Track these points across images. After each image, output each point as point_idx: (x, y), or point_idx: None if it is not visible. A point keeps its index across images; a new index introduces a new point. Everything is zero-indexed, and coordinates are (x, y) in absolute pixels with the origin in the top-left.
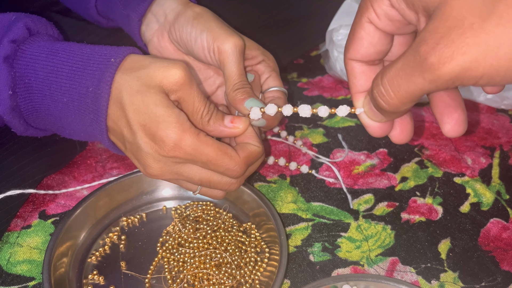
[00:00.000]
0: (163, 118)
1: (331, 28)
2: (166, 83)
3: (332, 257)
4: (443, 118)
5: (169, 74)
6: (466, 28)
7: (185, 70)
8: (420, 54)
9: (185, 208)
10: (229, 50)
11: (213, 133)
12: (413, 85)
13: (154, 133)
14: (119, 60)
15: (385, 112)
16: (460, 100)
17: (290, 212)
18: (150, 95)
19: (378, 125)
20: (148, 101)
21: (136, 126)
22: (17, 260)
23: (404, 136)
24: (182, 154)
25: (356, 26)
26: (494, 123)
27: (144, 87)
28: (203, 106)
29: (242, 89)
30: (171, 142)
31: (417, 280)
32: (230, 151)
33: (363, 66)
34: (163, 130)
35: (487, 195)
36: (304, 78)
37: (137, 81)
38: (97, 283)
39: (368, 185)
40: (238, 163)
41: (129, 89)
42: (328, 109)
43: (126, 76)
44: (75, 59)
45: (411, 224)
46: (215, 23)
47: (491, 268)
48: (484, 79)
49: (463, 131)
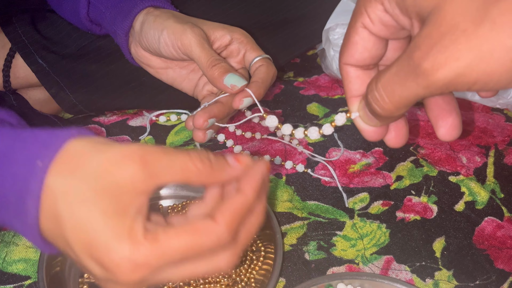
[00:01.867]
0: (112, 233)
1: (327, 27)
2: (124, 182)
3: (327, 255)
4: (438, 122)
5: (122, 169)
6: (459, 34)
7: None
8: (414, 60)
9: (182, 207)
10: (189, 39)
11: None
12: (407, 90)
13: (103, 259)
14: (47, 161)
15: (379, 117)
16: (455, 104)
17: (285, 211)
18: (98, 202)
19: (373, 129)
20: (93, 212)
21: (79, 248)
22: (12, 259)
23: (399, 140)
24: (147, 270)
25: (351, 31)
26: (489, 122)
27: (90, 193)
28: (189, 160)
29: (217, 65)
30: (127, 266)
31: (412, 278)
32: (202, 224)
33: (358, 71)
34: (113, 252)
35: (481, 193)
36: (301, 77)
37: (80, 185)
38: (92, 282)
39: (364, 183)
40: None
41: (68, 198)
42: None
43: (62, 180)
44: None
45: (406, 223)
46: (173, 19)
47: (485, 266)
48: (477, 84)
49: (458, 135)
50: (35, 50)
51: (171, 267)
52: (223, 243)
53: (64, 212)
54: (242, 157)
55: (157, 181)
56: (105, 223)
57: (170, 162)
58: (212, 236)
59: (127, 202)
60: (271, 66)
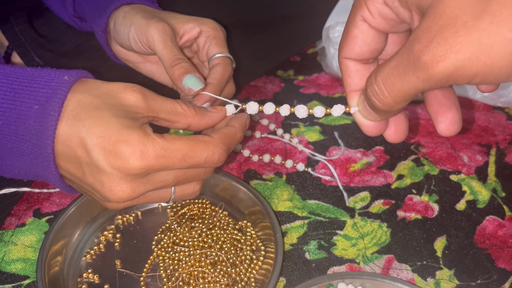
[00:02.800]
0: (124, 126)
1: (327, 25)
2: (128, 104)
3: (328, 255)
4: (438, 117)
5: (126, 95)
6: (459, 27)
7: (139, 87)
8: (414, 52)
9: (181, 206)
10: (152, 34)
11: (207, 121)
12: (407, 84)
13: (115, 145)
14: (73, 79)
15: (379, 111)
16: (455, 99)
17: (286, 210)
18: (112, 109)
19: (373, 124)
20: (107, 114)
21: (92, 142)
22: (11, 259)
23: (398, 136)
24: (153, 159)
25: (350, 24)
26: (490, 121)
27: (103, 104)
28: (177, 103)
29: (178, 65)
30: (137, 151)
31: (413, 277)
32: (202, 137)
33: (358, 65)
34: (125, 138)
35: (483, 192)
36: (301, 75)
37: (94, 99)
38: (91, 282)
39: (364, 182)
40: (216, 145)
41: (85, 106)
42: (324, 110)
43: (80, 95)
44: (15, 76)
45: (407, 222)
46: (140, 14)
47: (486, 265)
48: (477, 77)
49: (458, 130)
50: (32, 48)
51: (171, 165)
52: (216, 156)
53: (82, 114)
54: (217, 107)
55: (153, 114)
56: (117, 119)
57: (163, 101)
58: (209, 146)
59: (134, 114)
60: (228, 67)
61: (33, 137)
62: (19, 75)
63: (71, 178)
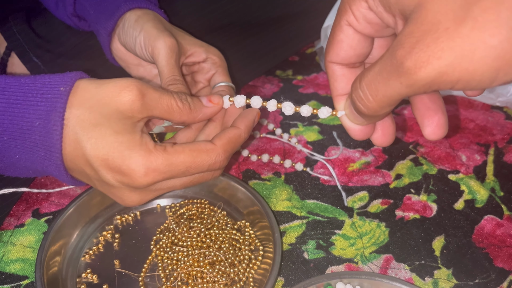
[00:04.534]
0: (126, 145)
1: (326, 25)
2: (124, 108)
3: (326, 254)
4: (424, 121)
5: (122, 98)
6: (441, 33)
7: (136, 86)
8: (397, 58)
9: (180, 206)
10: (160, 48)
11: (202, 117)
12: (390, 89)
13: (120, 166)
14: (68, 88)
15: (365, 115)
16: (441, 103)
17: (284, 210)
18: (110, 124)
19: (360, 128)
20: (106, 131)
21: (98, 163)
22: (10, 259)
23: (385, 139)
24: (158, 176)
25: (336, 29)
26: (489, 120)
27: (100, 118)
28: (173, 100)
29: (173, 85)
30: (141, 170)
31: (411, 277)
32: (204, 146)
33: (344, 69)
34: (129, 159)
35: (481, 192)
36: (299, 75)
37: (91, 114)
38: (90, 282)
39: (363, 182)
40: (218, 153)
41: (83, 124)
42: (310, 110)
43: (75, 110)
44: (12, 91)
45: (406, 221)
46: (152, 23)
47: (485, 265)
48: (460, 83)
49: (444, 134)
50: (30, 48)
51: (175, 176)
52: (219, 163)
53: (82, 136)
54: (214, 97)
55: (149, 113)
56: (117, 139)
57: (160, 98)
58: (211, 155)
59: (131, 123)
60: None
61: (41, 149)
62: (15, 87)
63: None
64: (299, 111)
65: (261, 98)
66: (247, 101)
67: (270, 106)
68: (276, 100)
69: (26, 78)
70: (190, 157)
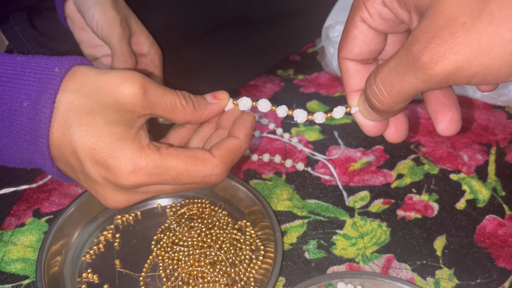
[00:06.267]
0: (118, 136)
1: (327, 24)
2: (124, 101)
3: (328, 254)
4: (437, 117)
5: (124, 89)
6: (458, 27)
7: (139, 79)
8: (413, 53)
9: (180, 206)
10: (114, 32)
11: (207, 115)
12: (406, 84)
13: (106, 158)
14: (64, 70)
15: (379, 111)
16: (454, 98)
17: (285, 210)
18: (106, 114)
19: (373, 124)
20: (100, 120)
21: (84, 153)
22: (11, 259)
23: (398, 135)
24: (145, 176)
25: (349, 25)
26: (490, 120)
27: (97, 106)
28: (177, 98)
29: (128, 62)
30: (128, 166)
31: (413, 277)
32: (202, 154)
33: (357, 65)
34: (118, 150)
35: (483, 191)
36: (301, 75)
37: (86, 100)
38: (91, 282)
39: (364, 182)
40: (216, 165)
41: (76, 109)
42: (324, 116)
43: (70, 94)
44: (4, 67)
45: (407, 221)
46: (110, 2)
47: (486, 264)
48: (477, 78)
49: (457, 130)
50: (32, 47)
51: (164, 182)
52: (215, 176)
53: (73, 121)
54: (219, 93)
55: (152, 110)
56: (110, 128)
57: (163, 95)
58: (208, 166)
59: (130, 118)
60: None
61: (27, 133)
62: (8, 65)
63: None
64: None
65: (269, 102)
66: (254, 103)
67: (280, 112)
68: (286, 107)
69: (22, 57)
70: (183, 163)
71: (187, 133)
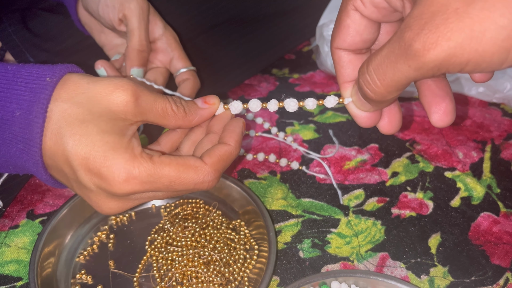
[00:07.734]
0: (111, 146)
1: (321, 23)
2: (116, 109)
3: (322, 253)
4: (431, 108)
5: (115, 98)
6: (450, 13)
7: (130, 86)
8: (405, 40)
9: (174, 206)
10: (133, 8)
11: (198, 120)
12: (399, 73)
13: (100, 167)
14: (55, 79)
15: (372, 101)
16: (448, 89)
17: (280, 209)
18: (98, 123)
19: (366, 115)
20: (93, 129)
21: (77, 162)
22: (4, 260)
23: (392, 127)
24: (138, 185)
25: (342, 14)
26: (486, 117)
27: (89, 115)
28: (168, 104)
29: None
30: (122, 175)
31: (407, 275)
32: (194, 162)
33: (350, 55)
34: (111, 160)
35: (477, 189)
36: (296, 74)
37: (79, 109)
38: (85, 283)
39: (359, 180)
40: (207, 172)
41: (69, 118)
42: (316, 101)
43: (62, 104)
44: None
45: (402, 219)
46: None
47: (481, 262)
48: (470, 65)
49: (451, 121)
50: (26, 48)
51: (157, 190)
52: (206, 183)
53: (66, 130)
54: (209, 97)
55: (143, 117)
56: (103, 138)
57: (155, 101)
58: (199, 173)
59: (122, 126)
60: (196, 80)
61: (20, 142)
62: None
63: (63, 183)
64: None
65: (260, 100)
66: (245, 105)
67: (271, 106)
68: (276, 100)
69: (14, 66)
70: (176, 171)
71: (178, 138)
